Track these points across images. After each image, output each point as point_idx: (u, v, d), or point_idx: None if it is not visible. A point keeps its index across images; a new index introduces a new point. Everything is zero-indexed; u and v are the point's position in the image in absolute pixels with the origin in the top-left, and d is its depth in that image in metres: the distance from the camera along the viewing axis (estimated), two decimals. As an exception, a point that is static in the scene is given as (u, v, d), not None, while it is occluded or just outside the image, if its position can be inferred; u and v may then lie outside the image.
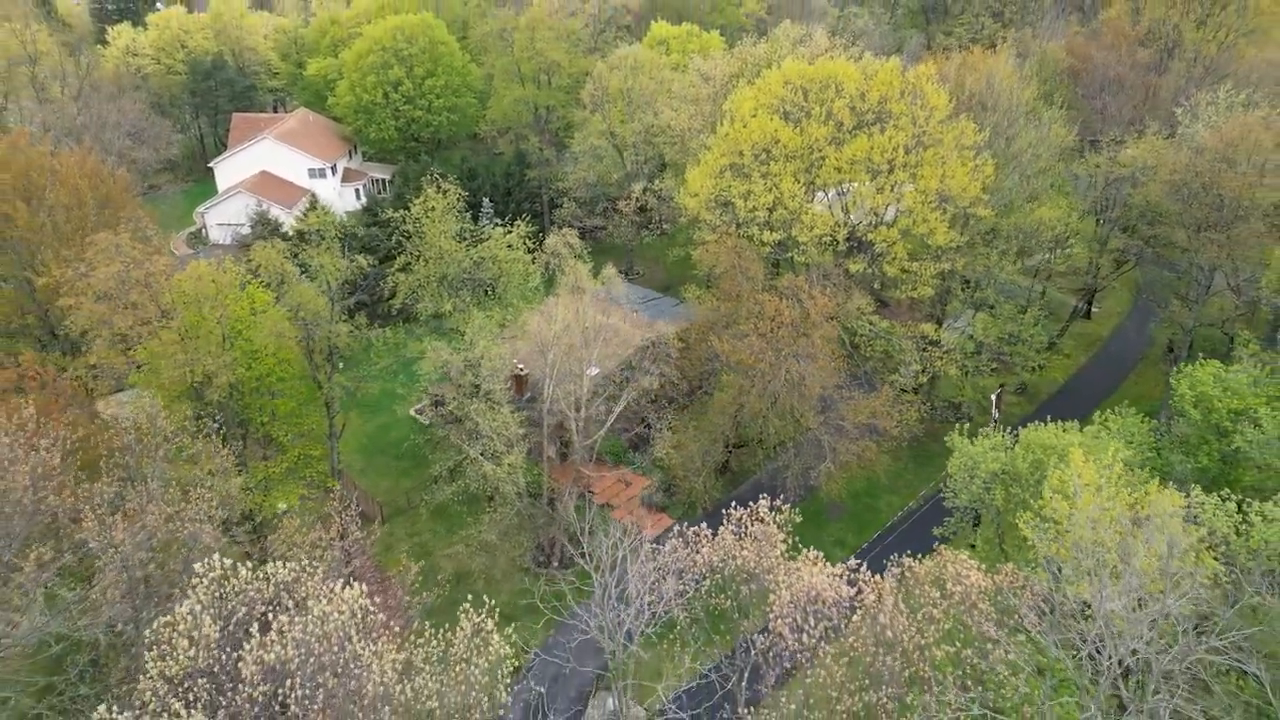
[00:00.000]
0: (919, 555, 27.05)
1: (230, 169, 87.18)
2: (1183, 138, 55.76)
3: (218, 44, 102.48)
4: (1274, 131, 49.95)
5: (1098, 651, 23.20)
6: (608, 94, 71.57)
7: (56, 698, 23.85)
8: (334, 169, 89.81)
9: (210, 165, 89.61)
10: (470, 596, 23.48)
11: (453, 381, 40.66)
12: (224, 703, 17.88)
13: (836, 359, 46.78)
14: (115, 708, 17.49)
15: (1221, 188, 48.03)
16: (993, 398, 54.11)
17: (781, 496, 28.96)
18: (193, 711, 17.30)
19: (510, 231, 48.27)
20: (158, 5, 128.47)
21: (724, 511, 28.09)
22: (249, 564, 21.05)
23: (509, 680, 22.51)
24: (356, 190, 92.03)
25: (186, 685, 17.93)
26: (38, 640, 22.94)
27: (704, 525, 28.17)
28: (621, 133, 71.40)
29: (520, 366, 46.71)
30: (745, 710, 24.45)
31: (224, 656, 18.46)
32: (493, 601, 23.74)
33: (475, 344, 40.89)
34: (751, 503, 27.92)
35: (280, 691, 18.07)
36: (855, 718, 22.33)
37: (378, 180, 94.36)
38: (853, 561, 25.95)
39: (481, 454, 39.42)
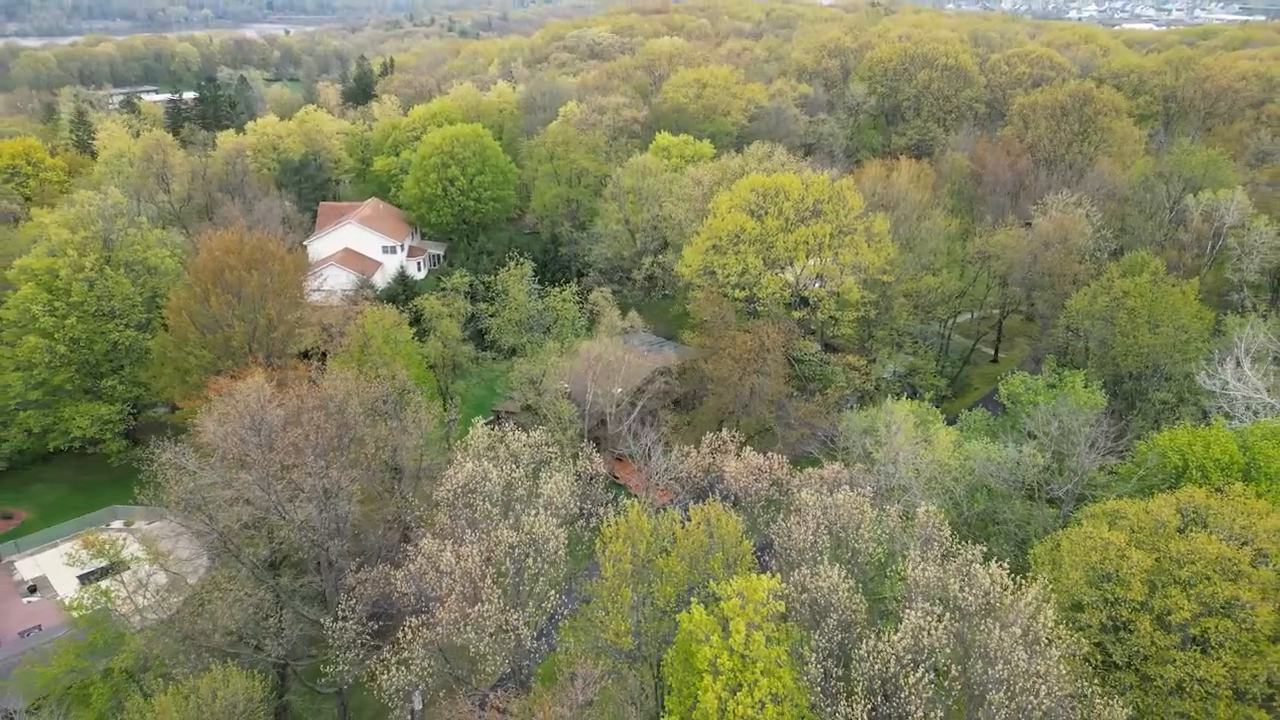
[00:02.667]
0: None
1: (321, 245, 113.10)
2: (1034, 226, 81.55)
3: (303, 145, 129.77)
4: (1084, 223, 75.74)
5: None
6: (623, 191, 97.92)
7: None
8: (402, 246, 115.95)
9: (305, 243, 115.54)
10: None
11: (532, 385, 64.91)
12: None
13: (784, 377, 71.20)
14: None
15: (1045, 262, 73.39)
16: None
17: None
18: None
19: (563, 291, 73.39)
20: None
21: (703, 438, 51.95)
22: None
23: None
24: (418, 263, 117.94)
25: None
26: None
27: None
28: (634, 220, 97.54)
29: (565, 384, 70.82)
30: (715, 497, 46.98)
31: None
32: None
33: (544, 363, 65.27)
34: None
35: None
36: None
37: (434, 255, 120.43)
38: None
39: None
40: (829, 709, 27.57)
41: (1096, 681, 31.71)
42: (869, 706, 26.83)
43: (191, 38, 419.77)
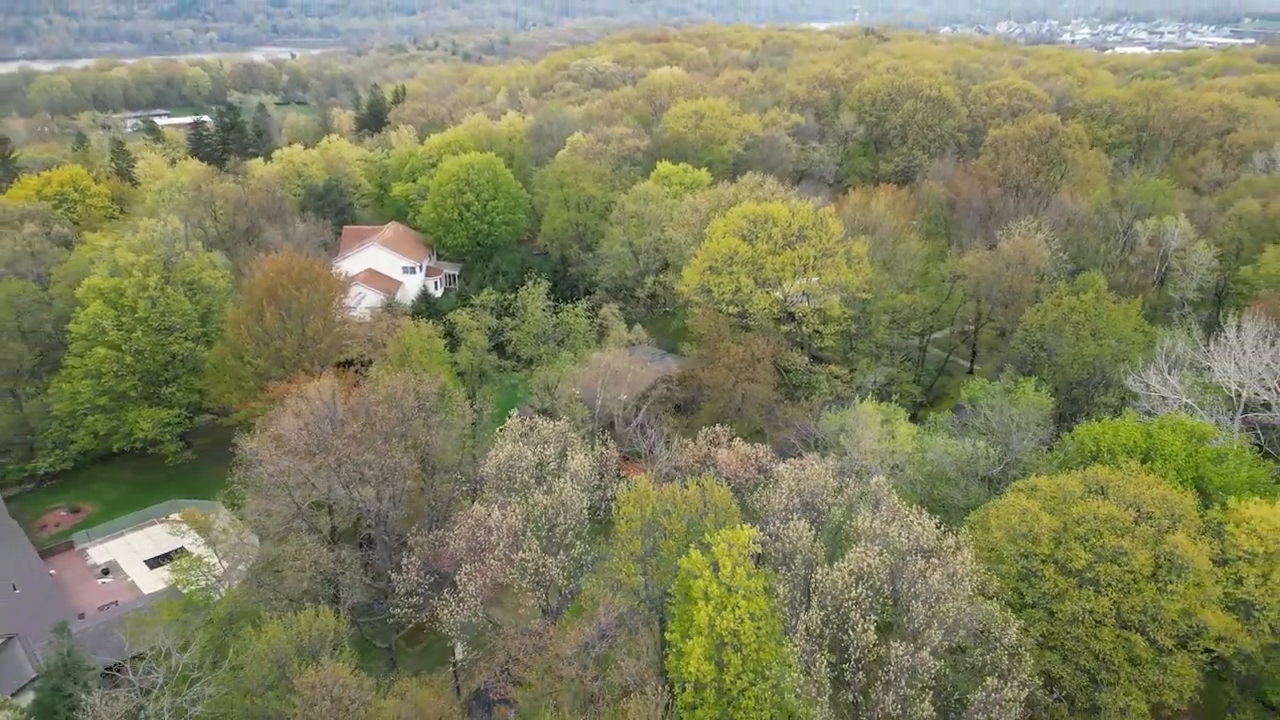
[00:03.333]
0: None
1: (346, 265, 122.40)
2: (998, 249, 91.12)
3: (326, 172, 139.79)
4: (1043, 247, 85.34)
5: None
6: (627, 216, 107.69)
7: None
8: (420, 266, 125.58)
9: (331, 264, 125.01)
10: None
11: (548, 391, 74.19)
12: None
13: (773, 384, 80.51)
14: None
15: (1007, 281, 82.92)
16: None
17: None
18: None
19: (575, 307, 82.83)
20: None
21: (701, 430, 61.14)
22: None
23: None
24: (435, 282, 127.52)
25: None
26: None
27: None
28: (637, 243, 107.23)
29: (577, 390, 80.00)
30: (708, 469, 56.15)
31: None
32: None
33: (559, 371, 74.58)
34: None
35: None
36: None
37: (450, 275, 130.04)
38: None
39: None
40: (793, 621, 36.61)
41: (1010, 614, 40.73)
42: (822, 616, 35.81)
43: (202, 62, 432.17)
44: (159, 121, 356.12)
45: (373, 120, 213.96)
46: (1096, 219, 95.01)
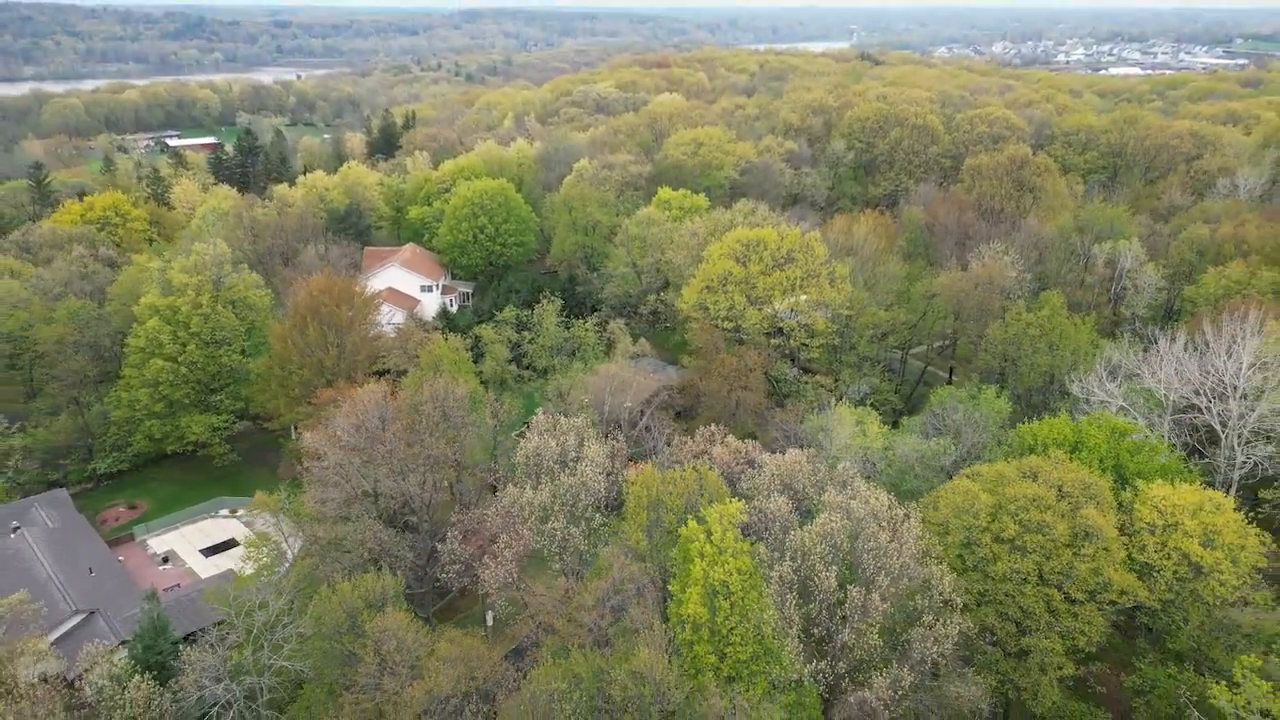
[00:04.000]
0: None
1: (368, 285, 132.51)
2: (969, 270, 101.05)
3: (346, 196, 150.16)
4: (1009, 268, 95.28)
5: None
6: (631, 239, 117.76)
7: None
8: (437, 285, 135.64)
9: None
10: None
11: (561, 398, 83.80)
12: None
13: (764, 392, 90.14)
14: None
15: (974, 299, 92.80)
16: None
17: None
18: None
19: (585, 322, 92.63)
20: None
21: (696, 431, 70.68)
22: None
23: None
24: (450, 300, 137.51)
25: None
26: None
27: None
28: (640, 264, 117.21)
29: (587, 397, 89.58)
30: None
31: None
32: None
33: (571, 380, 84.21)
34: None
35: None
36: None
37: (464, 293, 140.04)
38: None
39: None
40: (770, 573, 46.06)
41: (948, 570, 50.13)
42: (793, 567, 45.23)
43: (211, 84, 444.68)
44: (171, 142, 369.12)
45: (384, 144, 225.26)
46: (1060, 242, 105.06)
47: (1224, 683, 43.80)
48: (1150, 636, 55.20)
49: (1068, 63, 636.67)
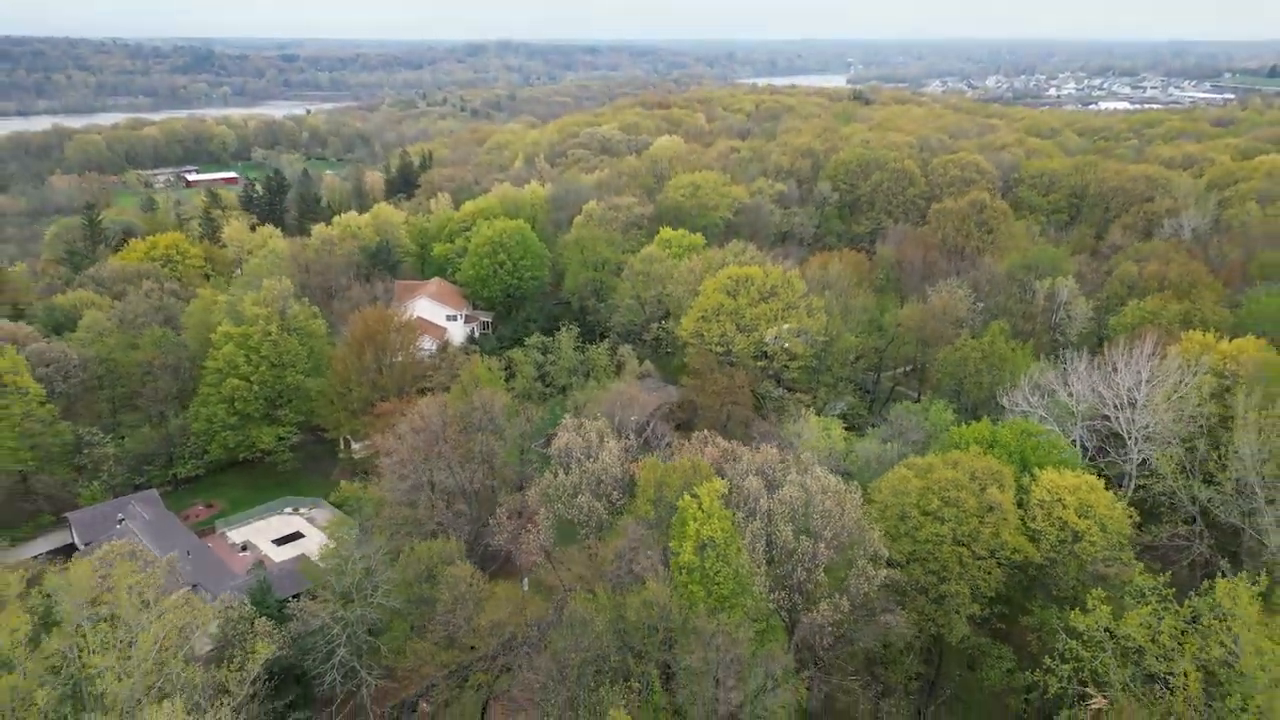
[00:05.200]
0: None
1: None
2: (929, 302, 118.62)
3: (377, 234, 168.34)
4: (964, 301, 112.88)
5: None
6: (635, 274, 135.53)
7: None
8: (461, 315, 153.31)
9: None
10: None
11: (576, 411, 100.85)
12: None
13: (751, 407, 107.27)
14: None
15: (931, 328, 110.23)
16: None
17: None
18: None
19: (597, 347, 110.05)
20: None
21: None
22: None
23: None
24: (473, 329, 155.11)
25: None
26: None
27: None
28: (643, 296, 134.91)
29: (599, 411, 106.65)
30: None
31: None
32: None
33: (586, 397, 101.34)
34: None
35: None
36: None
37: (484, 322, 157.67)
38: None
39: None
40: (744, 530, 62.89)
41: (879, 531, 66.85)
42: (760, 525, 62.08)
43: (227, 119, 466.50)
44: (190, 177, 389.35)
45: (402, 183, 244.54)
46: (1008, 278, 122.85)
47: (1078, 609, 60.49)
48: (1040, 586, 71.85)
49: (1059, 97, 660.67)
